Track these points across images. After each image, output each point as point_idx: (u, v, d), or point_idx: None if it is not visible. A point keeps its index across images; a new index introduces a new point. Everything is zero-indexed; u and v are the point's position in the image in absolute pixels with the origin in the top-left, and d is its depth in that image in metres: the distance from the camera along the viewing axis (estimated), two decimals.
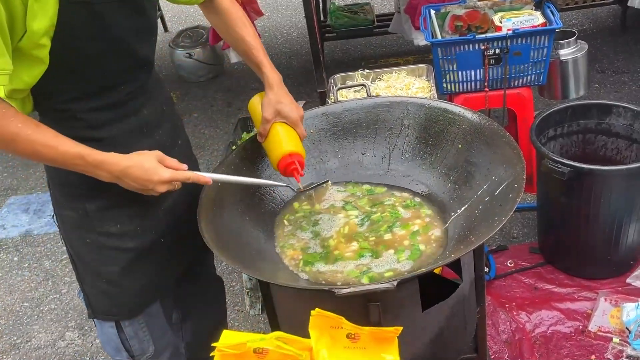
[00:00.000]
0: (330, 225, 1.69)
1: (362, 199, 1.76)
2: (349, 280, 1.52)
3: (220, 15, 1.70)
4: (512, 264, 2.72)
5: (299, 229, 1.69)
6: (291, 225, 1.71)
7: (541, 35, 2.63)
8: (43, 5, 1.25)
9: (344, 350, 1.26)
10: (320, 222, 1.70)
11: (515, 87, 2.81)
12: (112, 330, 1.67)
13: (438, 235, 1.61)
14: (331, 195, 1.78)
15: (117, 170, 1.39)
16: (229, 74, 5.00)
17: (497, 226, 1.39)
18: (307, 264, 1.58)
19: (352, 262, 1.56)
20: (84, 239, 1.57)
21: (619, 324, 2.32)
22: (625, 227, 2.44)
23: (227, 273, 3.02)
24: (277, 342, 1.18)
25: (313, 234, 1.67)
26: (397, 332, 1.24)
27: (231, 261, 1.43)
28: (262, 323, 2.73)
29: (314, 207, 1.73)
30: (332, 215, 1.71)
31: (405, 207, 1.71)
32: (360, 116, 1.89)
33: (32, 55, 1.30)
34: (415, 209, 1.70)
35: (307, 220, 1.71)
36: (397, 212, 1.68)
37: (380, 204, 1.73)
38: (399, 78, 2.70)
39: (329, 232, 1.66)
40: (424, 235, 1.61)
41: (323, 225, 1.69)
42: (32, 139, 1.31)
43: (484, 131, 1.70)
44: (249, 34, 1.69)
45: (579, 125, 2.67)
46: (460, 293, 1.59)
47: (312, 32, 3.18)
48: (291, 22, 5.77)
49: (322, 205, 1.74)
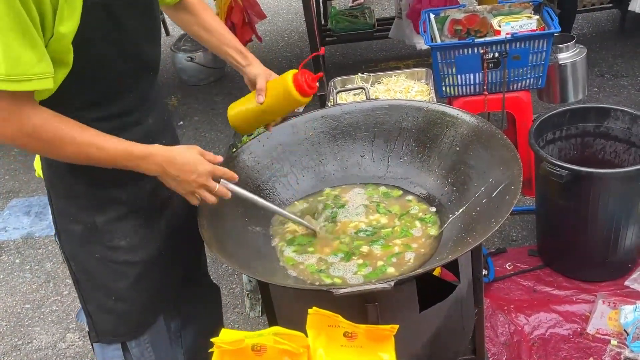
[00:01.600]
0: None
1: (394, 206, 1.75)
2: (306, 274, 1.56)
3: (189, 10, 1.71)
4: (511, 267, 2.73)
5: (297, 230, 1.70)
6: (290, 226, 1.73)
7: (540, 39, 2.65)
8: (72, 7, 1.24)
9: (340, 348, 1.27)
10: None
11: (514, 91, 2.82)
12: (118, 352, 1.62)
13: (435, 237, 1.63)
14: (353, 197, 1.79)
15: (163, 161, 1.39)
16: (230, 77, 5.02)
17: (493, 227, 1.40)
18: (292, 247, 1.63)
19: (315, 256, 1.60)
20: (93, 254, 1.53)
21: (617, 326, 2.33)
22: (623, 230, 2.45)
23: (227, 275, 3.04)
24: (275, 337, 1.19)
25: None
26: (393, 330, 1.26)
27: (230, 261, 1.44)
28: (262, 325, 2.74)
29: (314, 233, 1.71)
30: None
31: (420, 220, 1.70)
32: (359, 119, 1.90)
33: (57, 59, 1.28)
34: (424, 224, 1.69)
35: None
36: (409, 232, 1.67)
37: (407, 213, 1.73)
38: (399, 81, 2.72)
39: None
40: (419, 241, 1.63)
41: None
42: (79, 141, 1.30)
43: (482, 134, 1.71)
44: (221, 25, 1.73)
45: (577, 129, 2.68)
46: (457, 294, 1.60)
47: (312, 35, 3.20)
48: (292, 26, 5.80)
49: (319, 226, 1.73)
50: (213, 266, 3.15)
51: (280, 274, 1.57)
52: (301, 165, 1.85)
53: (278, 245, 1.68)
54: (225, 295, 2.94)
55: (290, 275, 1.57)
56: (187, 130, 4.47)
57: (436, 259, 1.54)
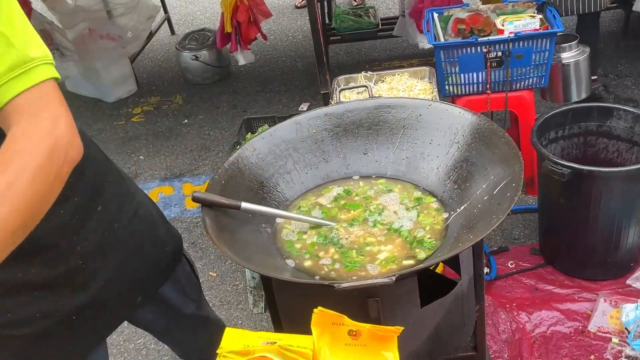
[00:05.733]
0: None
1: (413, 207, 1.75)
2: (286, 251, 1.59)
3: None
4: (513, 265, 2.75)
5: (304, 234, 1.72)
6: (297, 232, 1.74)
7: (543, 39, 2.66)
8: None
9: (345, 347, 1.28)
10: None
11: (517, 90, 2.83)
12: None
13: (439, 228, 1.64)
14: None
15: None
16: (234, 76, 5.05)
17: (494, 224, 1.41)
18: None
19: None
20: None
21: (618, 324, 2.34)
22: (625, 228, 2.46)
23: (230, 272, 3.06)
24: (281, 350, 1.19)
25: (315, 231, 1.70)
26: (397, 331, 1.26)
27: (231, 255, 1.46)
28: (265, 321, 2.76)
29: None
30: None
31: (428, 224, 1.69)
32: (362, 117, 1.91)
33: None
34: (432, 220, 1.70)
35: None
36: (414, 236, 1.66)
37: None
38: (402, 80, 2.73)
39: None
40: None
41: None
42: None
43: (483, 131, 1.72)
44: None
45: (580, 128, 2.69)
46: (459, 290, 1.61)
47: (315, 33, 3.22)
48: (297, 25, 5.81)
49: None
50: (217, 263, 3.17)
51: (283, 269, 1.59)
52: (304, 162, 1.86)
53: (283, 240, 1.69)
54: (229, 291, 2.96)
55: (290, 269, 1.59)
56: (191, 128, 4.49)
57: (437, 255, 1.55)
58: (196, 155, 4.16)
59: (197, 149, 4.24)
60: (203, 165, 4.04)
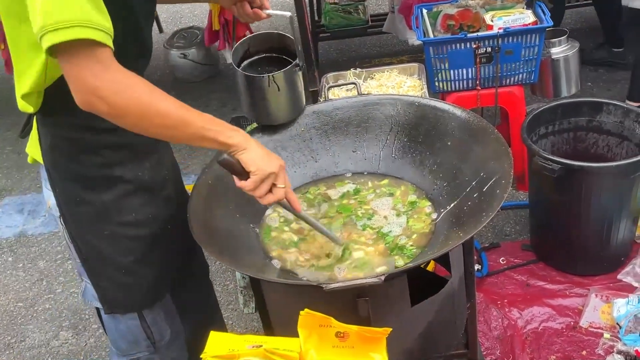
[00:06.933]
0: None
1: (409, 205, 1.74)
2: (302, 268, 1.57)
3: None
4: (505, 261, 2.74)
5: (287, 226, 1.71)
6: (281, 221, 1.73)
7: (532, 34, 2.65)
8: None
9: (332, 349, 1.27)
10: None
11: (507, 86, 2.83)
12: (133, 321, 1.67)
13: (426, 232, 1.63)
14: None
15: (247, 137, 1.46)
16: (224, 74, 5.01)
17: (484, 221, 1.40)
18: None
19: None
20: (102, 232, 1.55)
21: (610, 319, 2.33)
22: (615, 223, 2.45)
23: (220, 272, 3.03)
24: (267, 353, 1.18)
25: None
26: (385, 332, 1.25)
27: (219, 256, 1.44)
28: (255, 321, 2.74)
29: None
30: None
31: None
32: (351, 114, 1.90)
33: None
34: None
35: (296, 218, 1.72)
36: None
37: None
38: (391, 77, 2.72)
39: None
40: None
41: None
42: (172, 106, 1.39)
43: (473, 128, 1.71)
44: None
45: (569, 123, 2.68)
46: (449, 288, 1.60)
47: (303, 30, 3.19)
48: (285, 22, 5.79)
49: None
50: None
51: (271, 270, 1.57)
52: (293, 161, 1.85)
53: (269, 240, 1.68)
54: (219, 292, 2.94)
55: (278, 269, 1.57)
56: None
57: (427, 253, 1.54)
58: (185, 154, 4.12)
59: (186, 147, 4.19)
60: (192, 165, 4.00)
